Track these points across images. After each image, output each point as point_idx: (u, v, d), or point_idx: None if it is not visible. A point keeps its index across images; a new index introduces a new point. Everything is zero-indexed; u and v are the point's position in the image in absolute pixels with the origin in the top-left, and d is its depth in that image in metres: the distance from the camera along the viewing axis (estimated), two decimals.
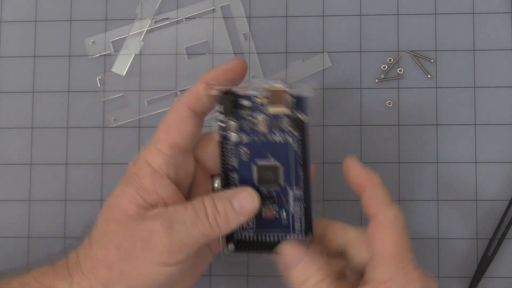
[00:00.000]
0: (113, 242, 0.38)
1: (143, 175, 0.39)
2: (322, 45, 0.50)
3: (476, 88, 0.49)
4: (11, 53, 0.51)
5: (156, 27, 0.51)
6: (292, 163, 0.39)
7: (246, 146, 0.39)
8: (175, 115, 0.39)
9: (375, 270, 0.36)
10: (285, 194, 0.39)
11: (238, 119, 0.38)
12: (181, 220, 0.37)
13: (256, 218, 0.40)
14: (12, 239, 0.50)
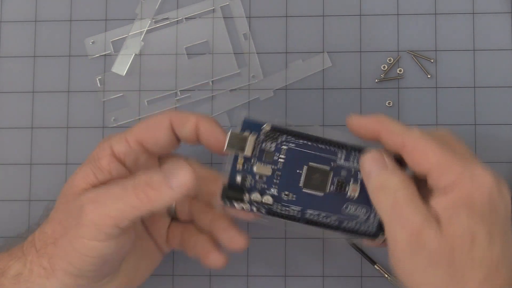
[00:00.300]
0: (58, 218, 0.39)
1: (102, 156, 0.39)
2: (322, 45, 0.50)
3: (476, 88, 0.49)
4: (11, 53, 0.51)
5: (156, 27, 0.51)
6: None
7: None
8: (156, 120, 0.40)
9: (439, 180, 0.35)
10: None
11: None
12: (107, 193, 0.37)
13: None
14: (12, 239, 0.50)
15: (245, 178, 0.38)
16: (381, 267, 0.47)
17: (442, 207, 0.35)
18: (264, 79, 0.50)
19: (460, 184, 0.35)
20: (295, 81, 0.50)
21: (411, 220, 0.34)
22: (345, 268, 0.48)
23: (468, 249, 0.34)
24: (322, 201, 0.38)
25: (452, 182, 0.35)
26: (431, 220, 0.34)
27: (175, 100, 0.50)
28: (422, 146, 0.36)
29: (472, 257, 0.34)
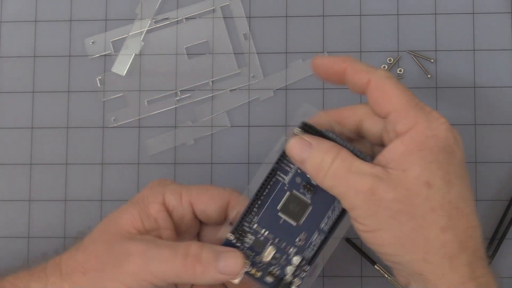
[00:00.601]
0: (96, 252, 0.39)
1: (152, 201, 0.40)
2: (322, 45, 0.50)
3: (476, 88, 0.49)
4: (11, 53, 0.51)
5: (156, 27, 0.51)
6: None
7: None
8: (216, 192, 0.40)
9: (396, 125, 0.35)
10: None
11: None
12: (157, 251, 0.38)
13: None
14: (12, 239, 0.50)
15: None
16: (381, 267, 0.47)
17: (398, 153, 0.35)
18: (264, 79, 0.50)
19: (416, 129, 0.35)
20: (295, 81, 0.50)
21: (359, 183, 0.34)
22: (345, 268, 0.48)
23: (425, 194, 0.34)
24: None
25: (408, 127, 0.35)
26: (379, 173, 0.34)
27: (175, 100, 0.50)
28: (387, 87, 0.36)
29: (430, 201, 0.34)
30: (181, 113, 0.50)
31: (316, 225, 0.38)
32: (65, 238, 0.49)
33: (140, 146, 0.50)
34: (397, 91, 0.36)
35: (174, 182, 0.41)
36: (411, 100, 0.35)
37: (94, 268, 0.39)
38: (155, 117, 0.50)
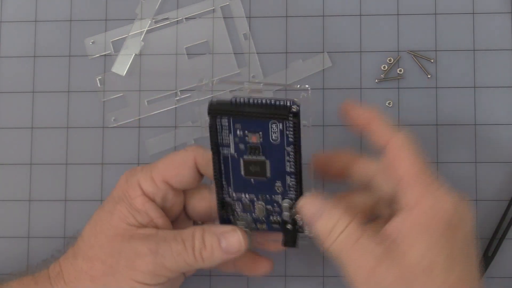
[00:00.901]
0: (99, 256, 0.39)
1: (134, 196, 0.40)
2: (322, 45, 0.50)
3: (476, 88, 0.49)
4: (11, 53, 0.51)
5: (156, 27, 0.51)
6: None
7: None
8: (181, 158, 0.41)
9: (403, 195, 0.36)
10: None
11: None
12: (168, 248, 0.39)
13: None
14: (12, 239, 0.50)
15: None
16: None
17: (405, 228, 0.35)
18: (264, 79, 0.50)
19: (422, 206, 0.35)
20: (295, 81, 0.50)
21: (362, 261, 0.35)
22: None
23: (425, 279, 0.34)
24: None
25: (415, 201, 0.35)
26: (383, 252, 0.35)
27: (175, 100, 0.50)
28: (403, 153, 0.37)
29: (429, 286, 0.34)
30: (181, 113, 0.50)
31: (283, 171, 0.39)
32: (65, 238, 0.49)
33: (140, 146, 0.50)
34: (411, 160, 0.37)
35: (142, 166, 0.41)
36: (423, 172, 0.36)
37: (103, 274, 0.39)
38: (155, 117, 0.50)
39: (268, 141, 0.38)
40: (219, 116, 0.38)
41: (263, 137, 0.38)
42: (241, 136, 0.38)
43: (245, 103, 0.37)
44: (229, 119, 0.38)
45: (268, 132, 0.38)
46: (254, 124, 0.38)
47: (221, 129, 0.38)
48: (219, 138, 0.39)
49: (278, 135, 0.38)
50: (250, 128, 0.38)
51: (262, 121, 0.38)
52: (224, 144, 0.39)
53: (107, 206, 0.41)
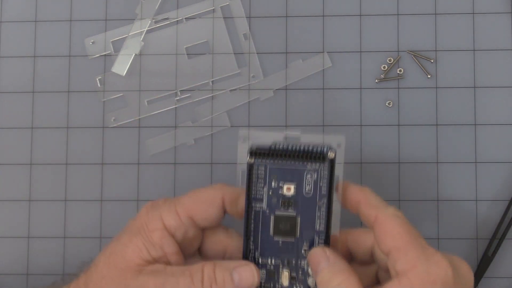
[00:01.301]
0: (107, 287, 0.39)
1: (153, 229, 0.39)
2: (322, 45, 0.50)
3: (476, 88, 0.49)
4: (11, 53, 0.51)
5: (156, 27, 0.51)
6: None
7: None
8: (209, 195, 0.40)
9: (395, 263, 0.36)
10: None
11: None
12: (174, 282, 0.38)
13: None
14: (12, 239, 0.50)
15: None
16: None
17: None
18: (264, 79, 0.50)
19: (414, 272, 0.35)
20: (295, 81, 0.50)
21: None
22: None
23: None
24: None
25: (407, 267, 0.35)
26: None
27: (175, 100, 0.50)
28: (391, 225, 0.37)
29: None
30: (181, 113, 0.50)
31: (312, 230, 0.39)
32: (65, 238, 0.49)
33: (140, 146, 0.50)
34: (400, 229, 0.36)
35: (165, 199, 0.41)
36: (414, 240, 0.36)
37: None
38: (155, 117, 0.50)
39: (301, 195, 0.38)
40: (257, 163, 0.38)
41: (297, 189, 0.38)
42: (275, 188, 0.39)
43: (284, 148, 0.38)
44: (265, 167, 0.39)
45: (303, 183, 0.38)
46: (290, 174, 0.38)
47: (256, 181, 0.39)
48: (253, 191, 0.39)
49: (311, 187, 0.38)
50: (286, 178, 0.38)
51: (298, 170, 0.38)
52: (257, 198, 0.39)
53: (123, 238, 0.40)
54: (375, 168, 0.49)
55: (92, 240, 0.49)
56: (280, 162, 0.38)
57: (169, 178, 0.50)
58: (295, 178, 0.38)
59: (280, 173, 0.38)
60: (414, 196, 0.48)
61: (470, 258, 0.48)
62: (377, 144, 0.49)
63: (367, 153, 0.49)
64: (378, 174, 0.49)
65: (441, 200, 0.48)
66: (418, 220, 0.48)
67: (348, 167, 0.49)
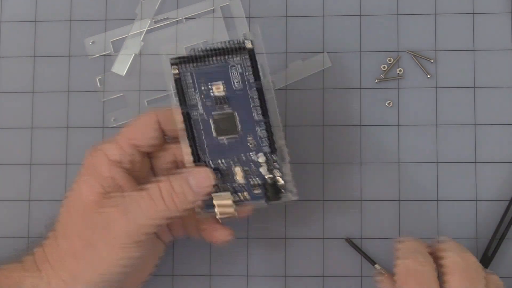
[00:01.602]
0: (75, 232, 0.40)
1: (100, 164, 0.41)
2: (322, 45, 0.50)
3: (476, 88, 0.49)
4: (11, 53, 0.51)
5: (156, 27, 0.51)
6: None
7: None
8: (144, 119, 0.42)
9: None
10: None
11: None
12: (136, 206, 0.39)
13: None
14: (12, 239, 0.50)
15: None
16: (381, 266, 0.47)
17: None
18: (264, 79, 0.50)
19: None
20: (295, 81, 0.50)
21: None
22: (345, 268, 0.48)
23: None
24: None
25: None
26: None
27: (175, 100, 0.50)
28: (451, 274, 0.38)
29: None
30: None
31: (252, 121, 0.40)
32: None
33: None
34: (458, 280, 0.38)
35: (105, 140, 0.42)
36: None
37: (82, 248, 0.39)
38: None
39: (232, 90, 0.40)
40: (182, 71, 0.40)
41: (226, 86, 0.40)
42: (206, 91, 0.40)
43: (202, 50, 0.39)
44: (191, 74, 0.40)
45: (230, 79, 0.40)
46: (215, 72, 0.40)
47: (186, 89, 0.40)
48: (186, 99, 0.40)
49: (239, 81, 0.40)
50: (213, 78, 0.40)
51: (222, 67, 0.39)
52: (192, 105, 0.40)
53: (75, 184, 0.41)
54: (374, 168, 0.49)
55: None
56: (203, 64, 0.40)
57: None
58: (221, 76, 0.40)
59: (206, 75, 0.40)
60: (414, 196, 0.48)
61: None
62: (377, 144, 0.49)
63: (367, 153, 0.49)
64: (378, 174, 0.49)
65: (441, 200, 0.48)
66: (418, 220, 0.48)
67: (348, 167, 0.49)
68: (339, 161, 0.49)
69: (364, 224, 0.48)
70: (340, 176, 0.49)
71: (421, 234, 0.48)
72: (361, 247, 0.48)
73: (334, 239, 0.48)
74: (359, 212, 0.48)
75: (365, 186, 0.48)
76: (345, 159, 0.49)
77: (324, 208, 0.48)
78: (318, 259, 0.48)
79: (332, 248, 0.48)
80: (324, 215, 0.48)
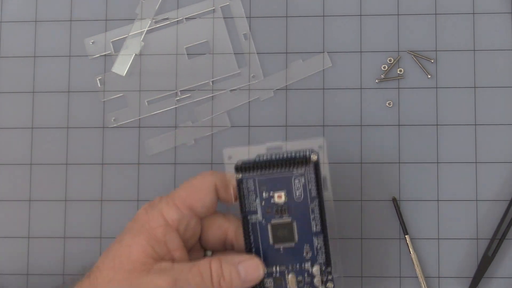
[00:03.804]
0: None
1: (155, 226, 0.40)
2: (322, 45, 0.50)
3: (476, 88, 0.49)
4: (11, 53, 0.51)
5: (156, 27, 0.51)
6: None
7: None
8: (201, 182, 0.41)
9: None
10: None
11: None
12: (185, 280, 0.38)
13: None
14: (12, 240, 0.50)
15: None
16: (410, 240, 0.47)
17: None
18: (264, 79, 0.50)
19: None
20: (295, 81, 0.50)
21: None
22: (346, 268, 0.48)
23: None
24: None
25: None
26: None
27: (175, 100, 0.50)
28: None
29: None
30: (181, 113, 0.50)
31: (309, 233, 0.40)
32: (65, 238, 0.49)
33: (140, 146, 0.50)
34: None
35: (161, 197, 0.41)
36: None
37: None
38: (155, 117, 0.50)
39: (293, 200, 0.40)
40: (245, 177, 0.40)
41: (288, 195, 0.40)
42: (267, 198, 0.40)
43: (268, 159, 0.40)
44: (254, 180, 0.40)
45: (292, 189, 0.40)
46: (278, 182, 0.40)
47: (248, 195, 0.40)
48: (246, 205, 0.40)
49: (301, 192, 0.39)
50: (275, 186, 0.40)
51: (286, 177, 0.39)
52: (251, 211, 0.40)
53: (126, 239, 0.40)
54: (374, 168, 0.49)
55: (92, 240, 0.49)
56: (266, 172, 0.40)
57: (169, 178, 0.50)
58: (284, 186, 0.40)
59: (269, 183, 0.40)
60: (414, 196, 0.48)
61: (470, 258, 0.48)
62: (377, 144, 0.49)
63: (367, 153, 0.49)
64: (378, 174, 0.49)
65: (441, 200, 0.48)
66: (418, 220, 0.48)
67: (348, 167, 0.49)
68: (339, 161, 0.49)
69: (364, 224, 0.48)
70: (341, 176, 0.49)
71: (422, 234, 0.48)
72: (401, 212, 0.48)
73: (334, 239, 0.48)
74: (360, 212, 0.48)
75: (365, 186, 0.48)
76: (345, 159, 0.49)
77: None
78: None
79: (332, 248, 0.48)
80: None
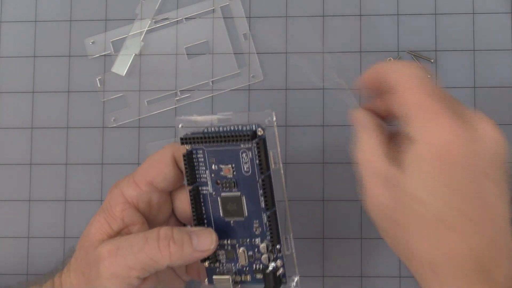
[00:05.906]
0: (80, 269, 0.40)
1: (115, 204, 0.40)
2: (322, 45, 0.50)
3: (476, 88, 0.49)
4: (11, 53, 0.51)
5: (156, 27, 0.51)
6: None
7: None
8: (160, 155, 0.40)
9: (409, 127, 0.34)
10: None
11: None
12: (128, 245, 0.38)
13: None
14: (12, 239, 0.50)
15: None
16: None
17: (406, 159, 0.33)
18: (264, 79, 0.50)
19: (423, 139, 0.33)
20: (295, 81, 0.50)
21: (377, 167, 0.35)
22: (346, 268, 0.48)
23: (417, 207, 0.33)
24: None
25: (417, 134, 0.33)
26: (388, 178, 0.34)
27: (175, 100, 0.50)
28: (407, 87, 0.34)
29: (419, 215, 0.33)
30: (181, 113, 0.50)
31: (258, 208, 0.39)
32: (65, 238, 0.49)
33: (140, 146, 0.50)
34: (417, 90, 0.34)
35: (125, 176, 0.41)
36: (430, 101, 0.33)
37: (84, 286, 0.39)
38: (155, 117, 0.50)
39: (242, 174, 0.39)
40: (195, 148, 0.39)
41: (236, 169, 0.39)
42: (216, 171, 0.39)
43: (215, 131, 0.39)
44: (203, 151, 0.39)
45: (240, 163, 0.39)
46: (226, 155, 0.39)
47: (198, 166, 0.39)
48: (197, 175, 0.40)
49: (249, 166, 0.39)
50: (223, 159, 0.39)
51: (233, 150, 0.39)
52: (202, 181, 0.40)
53: (91, 220, 0.40)
54: None
55: None
56: (214, 145, 0.39)
57: None
58: (232, 159, 0.39)
59: (217, 156, 0.39)
60: None
61: None
62: None
63: None
64: None
65: None
66: None
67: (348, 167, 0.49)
68: (339, 161, 0.49)
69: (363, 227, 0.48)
70: (341, 176, 0.49)
71: None
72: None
73: (333, 239, 0.48)
74: (360, 213, 0.48)
75: None
76: (346, 159, 0.49)
77: (324, 208, 0.48)
78: (318, 259, 0.48)
79: (332, 248, 0.48)
80: (324, 215, 0.48)
